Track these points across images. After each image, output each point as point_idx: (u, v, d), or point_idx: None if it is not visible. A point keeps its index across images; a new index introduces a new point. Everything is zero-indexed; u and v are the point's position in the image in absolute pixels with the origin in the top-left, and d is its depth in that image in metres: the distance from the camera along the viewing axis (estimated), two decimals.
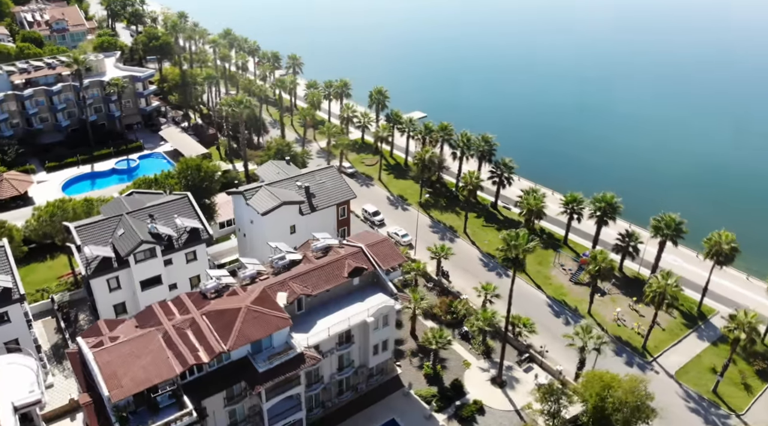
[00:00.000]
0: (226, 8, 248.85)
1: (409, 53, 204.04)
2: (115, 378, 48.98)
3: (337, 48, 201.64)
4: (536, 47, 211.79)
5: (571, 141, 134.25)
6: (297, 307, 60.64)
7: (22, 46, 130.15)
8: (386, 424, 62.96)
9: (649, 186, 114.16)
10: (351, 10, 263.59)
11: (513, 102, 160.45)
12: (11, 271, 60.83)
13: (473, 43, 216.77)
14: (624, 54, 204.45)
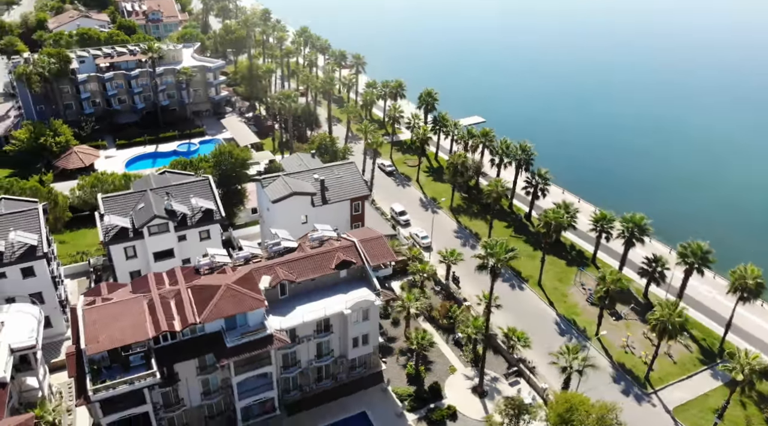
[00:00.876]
0: (319, 8, 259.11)
1: (479, 58, 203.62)
2: (94, 334, 54.02)
3: (409, 49, 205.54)
4: (618, 59, 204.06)
5: (628, 157, 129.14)
6: (280, 292, 63.33)
7: (112, 32, 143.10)
8: (357, 415, 64.35)
9: (698, 207, 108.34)
10: (428, 14, 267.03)
11: (577, 113, 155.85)
12: (40, 231, 68.14)
13: (547, 52, 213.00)
14: (702, 71, 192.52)
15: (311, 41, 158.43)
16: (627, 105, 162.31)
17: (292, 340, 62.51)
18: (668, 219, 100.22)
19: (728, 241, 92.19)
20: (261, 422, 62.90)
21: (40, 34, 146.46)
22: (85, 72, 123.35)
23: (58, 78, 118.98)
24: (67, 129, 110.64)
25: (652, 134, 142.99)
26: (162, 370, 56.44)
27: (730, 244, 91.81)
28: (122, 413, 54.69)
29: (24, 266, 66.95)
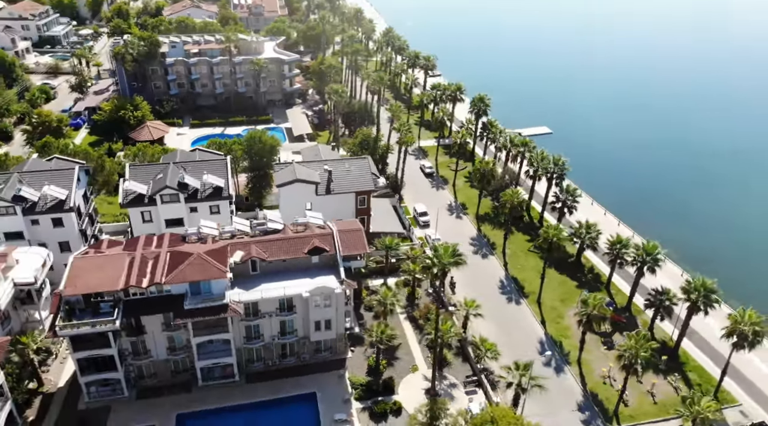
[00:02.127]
0: (424, 12, 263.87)
1: (556, 67, 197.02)
2: (74, 279, 61.86)
3: (489, 55, 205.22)
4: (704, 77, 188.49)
5: (698, 185, 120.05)
6: (251, 268, 67.86)
7: (208, 22, 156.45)
8: (307, 394, 67.19)
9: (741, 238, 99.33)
10: (513, 18, 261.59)
11: (651, 131, 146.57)
12: (71, 187, 78.09)
13: (634, 65, 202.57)
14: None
15: (392, 41, 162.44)
16: (713, 126, 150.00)
17: (255, 315, 66.93)
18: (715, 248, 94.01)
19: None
20: (220, 385, 67.96)
21: (144, 20, 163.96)
22: (173, 56, 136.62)
23: (149, 59, 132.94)
24: (146, 105, 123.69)
25: (731, 160, 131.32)
26: (129, 321, 63.49)
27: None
28: (90, 352, 62.11)
29: (54, 217, 77.38)
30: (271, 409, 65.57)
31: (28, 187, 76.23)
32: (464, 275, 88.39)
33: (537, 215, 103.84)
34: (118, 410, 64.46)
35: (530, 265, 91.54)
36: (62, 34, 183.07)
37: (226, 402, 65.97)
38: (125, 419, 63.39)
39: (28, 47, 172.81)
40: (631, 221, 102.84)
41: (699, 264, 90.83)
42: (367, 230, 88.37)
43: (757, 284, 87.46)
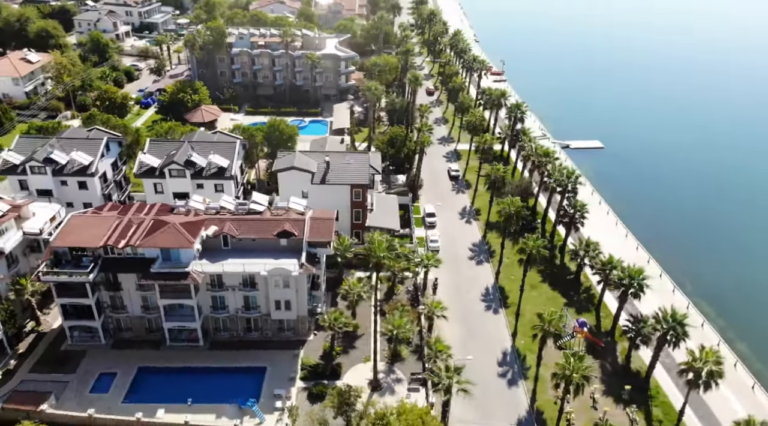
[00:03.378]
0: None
1: (619, 80, 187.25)
2: (64, 234, 69.98)
3: (553, 63, 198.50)
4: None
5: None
6: (223, 243, 72.77)
7: (280, 16, 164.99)
8: (258, 367, 70.92)
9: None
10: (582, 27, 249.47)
11: (711, 153, 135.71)
12: (96, 155, 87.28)
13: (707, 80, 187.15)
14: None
15: (456, 44, 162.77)
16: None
17: (220, 286, 71.82)
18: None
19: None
20: (185, 347, 73.51)
21: (221, 12, 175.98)
22: (239, 47, 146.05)
23: (216, 48, 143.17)
24: (205, 90, 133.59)
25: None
26: (108, 277, 70.62)
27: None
28: (70, 299, 70.00)
29: (79, 180, 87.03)
30: (222, 375, 69.98)
31: (60, 151, 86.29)
32: (452, 279, 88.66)
33: (550, 227, 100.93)
34: (92, 355, 71.89)
35: (528, 276, 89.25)
36: (161, 21, 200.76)
37: (186, 363, 71.37)
38: (95, 364, 70.58)
39: (128, 31, 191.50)
40: (658, 249, 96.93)
41: (718, 304, 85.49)
42: (363, 223, 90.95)
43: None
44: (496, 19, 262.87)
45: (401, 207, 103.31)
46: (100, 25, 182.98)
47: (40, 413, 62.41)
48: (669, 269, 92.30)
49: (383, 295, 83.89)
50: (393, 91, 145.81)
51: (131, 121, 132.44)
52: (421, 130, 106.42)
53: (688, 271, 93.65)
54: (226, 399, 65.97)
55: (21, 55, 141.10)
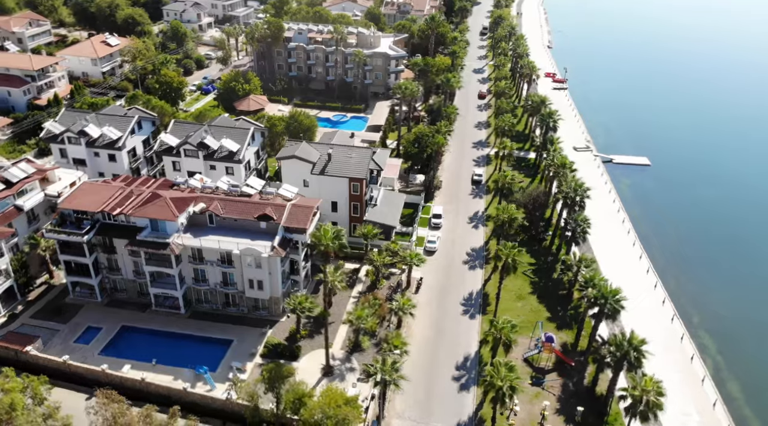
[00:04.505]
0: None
1: (681, 96, 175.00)
2: (71, 198, 77.74)
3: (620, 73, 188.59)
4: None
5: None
6: (208, 221, 77.63)
7: (342, 14, 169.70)
8: (226, 340, 75.06)
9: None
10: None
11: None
12: (125, 131, 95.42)
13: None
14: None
15: (516, 47, 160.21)
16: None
17: (200, 260, 76.73)
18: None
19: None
20: (168, 313, 79.12)
21: (288, 7, 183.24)
22: (296, 41, 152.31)
23: (274, 42, 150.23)
24: (256, 80, 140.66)
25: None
26: (104, 240, 77.55)
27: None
28: (71, 257, 77.55)
29: (109, 152, 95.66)
30: (192, 343, 74.90)
31: (95, 126, 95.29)
32: (439, 280, 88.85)
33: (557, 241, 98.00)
34: (87, 309, 79.27)
35: (514, 285, 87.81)
36: (242, 15, 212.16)
37: (164, 327, 76.94)
38: (86, 317, 77.78)
39: (211, 23, 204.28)
40: (673, 276, 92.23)
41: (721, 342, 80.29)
42: (361, 217, 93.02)
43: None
44: (579, 26, 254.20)
45: (412, 206, 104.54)
46: (185, 16, 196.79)
47: (26, 354, 70.08)
48: (676, 298, 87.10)
49: (365, 288, 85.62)
50: (441, 92, 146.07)
51: (189, 106, 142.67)
52: (440, 132, 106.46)
53: (699, 303, 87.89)
54: (187, 364, 70.64)
55: (102, 38, 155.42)
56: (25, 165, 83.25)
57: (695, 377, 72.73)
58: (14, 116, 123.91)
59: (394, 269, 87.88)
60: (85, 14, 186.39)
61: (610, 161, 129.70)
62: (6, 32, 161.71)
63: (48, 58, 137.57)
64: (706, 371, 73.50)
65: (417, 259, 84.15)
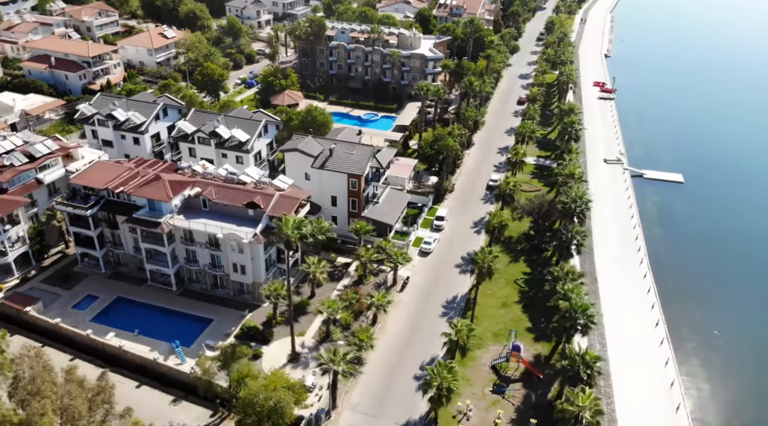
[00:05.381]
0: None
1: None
2: (82, 175, 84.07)
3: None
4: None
5: None
6: (202, 204, 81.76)
7: (387, 14, 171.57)
8: (206, 318, 78.93)
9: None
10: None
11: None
12: (149, 116, 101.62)
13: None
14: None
15: (560, 55, 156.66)
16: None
17: (191, 241, 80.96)
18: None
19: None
20: (160, 289, 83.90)
21: (336, 7, 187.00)
22: (338, 40, 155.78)
23: (316, 40, 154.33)
24: (294, 77, 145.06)
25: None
26: (108, 216, 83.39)
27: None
28: (78, 229, 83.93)
29: (134, 136, 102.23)
30: (175, 318, 79.29)
31: (123, 110, 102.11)
32: (427, 281, 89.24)
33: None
34: (90, 279, 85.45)
35: (503, 293, 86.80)
36: (300, 13, 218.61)
37: (154, 301, 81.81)
38: (88, 286, 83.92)
39: (269, 20, 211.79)
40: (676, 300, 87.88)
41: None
42: (359, 212, 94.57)
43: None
44: (647, 36, 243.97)
45: (417, 207, 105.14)
46: (246, 12, 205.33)
47: (25, 314, 76.65)
48: (674, 322, 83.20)
49: (352, 283, 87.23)
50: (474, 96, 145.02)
51: (231, 97, 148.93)
52: (452, 134, 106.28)
53: (697, 330, 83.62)
54: (165, 338, 74.87)
55: (160, 31, 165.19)
56: (51, 142, 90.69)
57: (670, 404, 69.47)
58: (68, 98, 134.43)
59: (385, 267, 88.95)
60: (152, 7, 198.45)
61: (641, 176, 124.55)
62: (77, 21, 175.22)
63: (103, 46, 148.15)
64: (682, 400, 69.97)
65: (403, 258, 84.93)
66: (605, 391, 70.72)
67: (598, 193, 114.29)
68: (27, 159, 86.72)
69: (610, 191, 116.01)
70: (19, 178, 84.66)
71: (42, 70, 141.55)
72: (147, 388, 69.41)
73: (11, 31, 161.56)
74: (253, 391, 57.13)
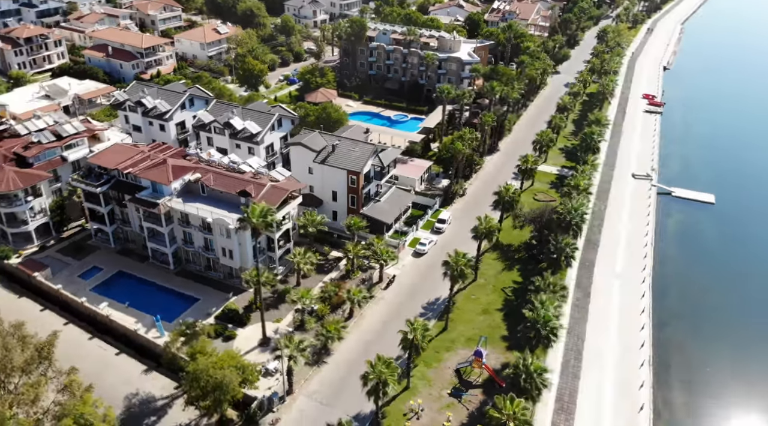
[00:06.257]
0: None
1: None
2: (98, 155, 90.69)
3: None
4: None
5: None
6: (201, 190, 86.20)
7: (432, 17, 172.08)
8: (194, 298, 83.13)
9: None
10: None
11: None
12: (175, 105, 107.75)
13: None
14: None
15: (605, 64, 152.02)
16: None
17: (187, 224, 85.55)
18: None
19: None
20: (160, 267, 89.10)
21: (383, 8, 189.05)
22: (378, 41, 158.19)
23: (357, 40, 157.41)
24: (331, 76, 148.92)
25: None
26: (118, 195, 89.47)
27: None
28: (92, 205, 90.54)
29: (160, 123, 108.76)
30: (166, 294, 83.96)
31: (152, 98, 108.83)
32: (414, 281, 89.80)
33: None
34: (100, 252, 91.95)
35: (487, 300, 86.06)
36: (356, 13, 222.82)
37: (151, 278, 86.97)
38: (96, 259, 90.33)
39: (325, 19, 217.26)
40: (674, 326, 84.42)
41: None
42: (357, 209, 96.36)
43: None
44: (719, 50, 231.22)
45: (422, 208, 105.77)
46: (302, 12, 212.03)
47: (33, 278, 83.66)
48: (660, 345, 79.89)
49: (339, 276, 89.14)
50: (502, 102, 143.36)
51: (272, 92, 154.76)
52: (462, 138, 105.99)
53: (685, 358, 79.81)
54: (152, 312, 79.58)
55: (214, 26, 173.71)
56: (78, 123, 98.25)
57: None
58: (119, 86, 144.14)
59: (374, 264, 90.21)
60: (213, 4, 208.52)
61: (669, 193, 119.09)
62: (143, 14, 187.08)
63: (156, 38, 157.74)
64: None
65: (389, 256, 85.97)
66: (567, 407, 69.31)
67: (616, 207, 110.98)
68: (54, 137, 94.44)
69: (630, 207, 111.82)
70: (44, 154, 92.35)
71: (100, 58, 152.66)
72: (125, 357, 74.23)
73: (81, 21, 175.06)
74: (200, 366, 60.20)
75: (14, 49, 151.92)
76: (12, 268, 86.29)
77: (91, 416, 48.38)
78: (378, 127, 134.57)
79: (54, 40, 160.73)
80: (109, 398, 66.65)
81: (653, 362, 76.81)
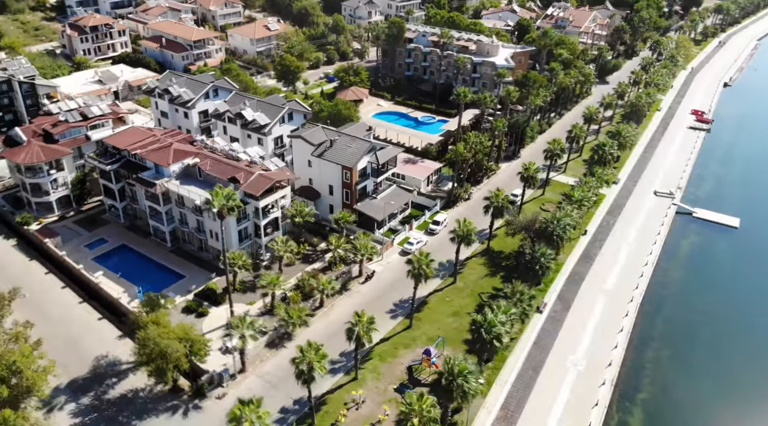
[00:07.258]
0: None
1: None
2: (116, 136, 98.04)
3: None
4: None
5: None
6: (198, 174, 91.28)
7: (475, 21, 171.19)
8: (180, 274, 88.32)
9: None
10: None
11: None
12: (198, 94, 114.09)
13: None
14: None
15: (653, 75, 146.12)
16: None
17: (183, 205, 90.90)
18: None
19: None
20: (158, 243, 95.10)
21: (429, 10, 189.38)
22: (417, 43, 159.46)
23: (395, 41, 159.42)
24: (364, 75, 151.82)
25: None
26: (127, 173, 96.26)
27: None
28: (107, 182, 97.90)
29: (184, 110, 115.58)
30: (156, 269, 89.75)
31: (177, 86, 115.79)
32: (393, 278, 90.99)
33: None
34: (110, 226, 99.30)
35: (461, 303, 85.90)
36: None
37: (147, 253, 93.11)
38: (104, 231, 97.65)
39: (380, 20, 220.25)
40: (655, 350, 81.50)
41: None
42: (351, 204, 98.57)
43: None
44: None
45: (422, 208, 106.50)
46: (358, 12, 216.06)
47: (44, 244, 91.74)
48: (631, 366, 77.10)
49: (322, 267, 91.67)
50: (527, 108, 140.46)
51: (310, 89, 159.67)
52: (466, 142, 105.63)
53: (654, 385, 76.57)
54: (139, 283, 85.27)
55: (265, 23, 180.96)
56: (104, 106, 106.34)
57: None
58: None
59: (356, 257, 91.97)
60: (272, 2, 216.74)
61: (690, 214, 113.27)
62: (204, 9, 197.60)
63: (206, 32, 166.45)
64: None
65: (369, 252, 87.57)
66: (511, 416, 68.61)
67: (626, 223, 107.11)
68: (81, 117, 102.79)
69: (643, 224, 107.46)
70: (70, 132, 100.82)
71: (155, 48, 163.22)
72: (105, 322, 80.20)
73: (146, 13, 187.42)
74: (149, 335, 64.59)
75: (80, 36, 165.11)
76: (29, 234, 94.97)
77: (23, 364, 53.49)
78: (400, 127, 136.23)
79: (118, 29, 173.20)
80: (81, 357, 73.20)
81: (618, 383, 74.36)
